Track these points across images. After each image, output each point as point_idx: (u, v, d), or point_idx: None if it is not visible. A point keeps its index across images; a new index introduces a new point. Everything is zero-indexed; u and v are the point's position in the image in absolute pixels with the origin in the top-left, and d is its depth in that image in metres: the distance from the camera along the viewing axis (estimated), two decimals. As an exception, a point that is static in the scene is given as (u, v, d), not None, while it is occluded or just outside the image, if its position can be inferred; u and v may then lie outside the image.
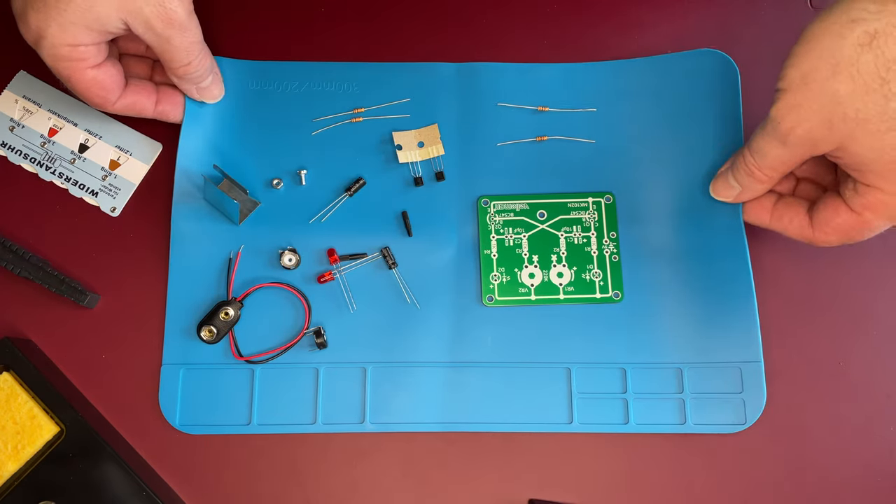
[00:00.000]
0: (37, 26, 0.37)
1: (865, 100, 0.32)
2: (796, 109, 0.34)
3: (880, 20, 0.31)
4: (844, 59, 0.32)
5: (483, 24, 0.47)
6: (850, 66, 0.32)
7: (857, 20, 0.32)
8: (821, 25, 0.33)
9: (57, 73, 0.39)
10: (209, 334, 0.40)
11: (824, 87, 0.33)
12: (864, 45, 0.32)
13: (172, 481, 0.40)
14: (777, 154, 0.36)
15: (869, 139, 0.33)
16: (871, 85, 0.32)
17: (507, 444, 0.41)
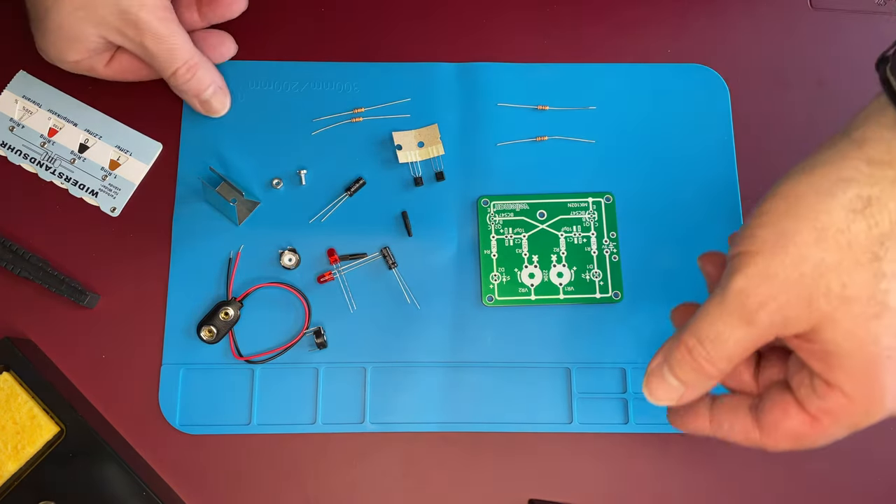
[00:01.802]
0: (38, 46, 0.41)
1: (853, 275, 0.27)
2: (769, 281, 0.27)
3: (875, 185, 0.26)
4: (833, 225, 0.27)
5: (483, 24, 0.47)
6: (839, 234, 0.27)
7: (848, 180, 0.27)
8: (806, 180, 0.28)
9: None
10: (209, 334, 0.40)
11: (806, 255, 0.27)
12: (857, 210, 0.27)
13: (172, 481, 0.40)
14: (739, 338, 0.28)
15: (850, 324, 0.27)
16: (861, 259, 0.26)
17: (507, 444, 0.41)
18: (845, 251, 0.27)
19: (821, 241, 0.27)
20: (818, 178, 0.28)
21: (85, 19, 0.38)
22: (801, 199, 0.28)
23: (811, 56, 0.47)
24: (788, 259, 0.27)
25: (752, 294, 0.28)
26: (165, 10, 0.39)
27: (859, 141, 0.27)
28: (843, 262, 0.27)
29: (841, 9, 0.48)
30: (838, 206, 0.27)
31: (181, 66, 0.40)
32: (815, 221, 0.27)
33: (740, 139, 0.45)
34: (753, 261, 0.28)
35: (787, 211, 0.28)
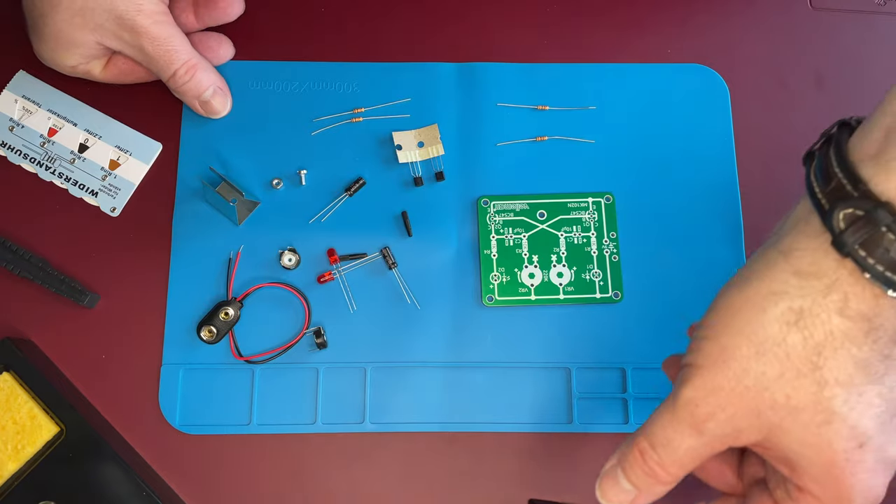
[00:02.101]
0: (35, 51, 0.41)
1: (796, 385, 0.27)
2: (716, 393, 0.28)
3: (804, 297, 0.27)
4: (769, 339, 0.27)
5: (483, 24, 0.47)
6: (776, 347, 0.27)
7: (779, 293, 0.27)
8: (739, 295, 0.28)
9: None
10: (209, 334, 0.40)
11: (748, 369, 0.28)
12: (790, 323, 0.27)
13: (172, 481, 0.40)
14: (690, 446, 0.29)
15: (802, 432, 0.27)
16: (802, 369, 0.27)
17: (507, 444, 0.41)
18: (785, 363, 0.27)
19: (760, 355, 0.27)
20: (751, 292, 0.28)
21: (82, 25, 0.38)
22: (737, 314, 0.28)
23: (811, 56, 0.47)
24: (731, 373, 0.28)
25: (700, 405, 0.28)
26: (162, 13, 0.39)
27: (786, 252, 0.28)
28: (785, 373, 0.27)
29: (841, 9, 0.48)
30: (772, 320, 0.27)
31: (179, 67, 0.40)
32: (753, 336, 0.28)
33: (740, 139, 0.45)
34: (700, 373, 0.28)
35: (725, 325, 0.28)
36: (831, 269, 0.27)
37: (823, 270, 0.27)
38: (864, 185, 0.26)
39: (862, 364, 0.27)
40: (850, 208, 0.26)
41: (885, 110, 0.27)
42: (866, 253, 0.26)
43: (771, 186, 0.44)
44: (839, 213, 0.26)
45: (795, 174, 0.46)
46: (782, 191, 0.45)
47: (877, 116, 0.27)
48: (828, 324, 0.27)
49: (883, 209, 0.25)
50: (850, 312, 0.27)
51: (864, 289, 0.26)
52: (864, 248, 0.26)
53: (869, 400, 0.27)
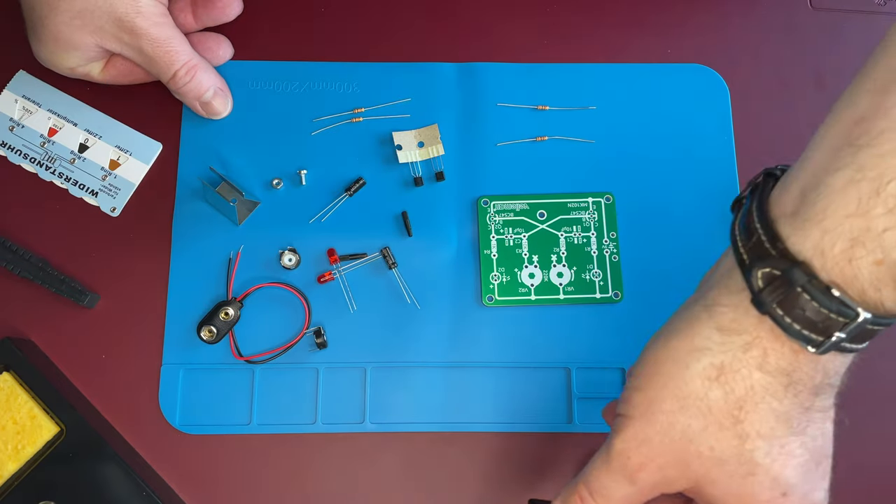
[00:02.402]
0: (34, 53, 0.41)
1: (719, 437, 0.28)
2: (646, 444, 0.29)
3: (725, 353, 0.28)
4: (692, 393, 0.28)
5: (483, 24, 0.47)
6: (699, 402, 0.28)
7: (701, 349, 0.28)
8: (664, 349, 0.29)
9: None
10: (209, 334, 0.40)
11: (673, 422, 0.28)
12: (711, 378, 0.28)
13: (172, 481, 0.40)
14: (625, 494, 0.30)
15: (727, 483, 0.28)
16: (724, 423, 0.28)
17: (507, 444, 0.41)
18: (708, 417, 0.28)
19: (684, 408, 0.28)
20: (674, 347, 0.29)
21: (81, 27, 0.38)
22: (662, 368, 0.29)
23: (811, 56, 0.47)
24: (658, 426, 0.29)
25: (631, 456, 0.29)
26: (161, 14, 0.40)
27: (710, 307, 0.29)
28: (708, 427, 0.28)
29: (841, 9, 0.48)
30: (694, 375, 0.28)
31: (180, 68, 0.40)
32: (676, 390, 0.28)
33: (740, 139, 0.45)
34: (630, 424, 0.29)
35: (651, 379, 0.29)
36: (752, 326, 0.27)
37: (744, 327, 0.28)
38: (781, 243, 0.26)
39: (783, 417, 0.28)
40: (768, 267, 0.26)
41: (802, 165, 0.27)
42: (783, 312, 0.26)
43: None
44: (758, 272, 0.27)
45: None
46: (782, 191, 0.45)
47: (795, 171, 0.28)
48: (748, 379, 0.28)
49: (798, 269, 0.25)
50: (769, 368, 0.27)
51: (783, 345, 0.27)
52: (782, 307, 0.26)
53: (791, 451, 0.28)
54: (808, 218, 0.26)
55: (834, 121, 0.27)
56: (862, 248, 0.24)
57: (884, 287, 0.25)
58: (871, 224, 0.24)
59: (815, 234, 0.25)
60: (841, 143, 0.26)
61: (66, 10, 0.38)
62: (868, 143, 0.24)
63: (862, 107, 0.25)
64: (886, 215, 0.24)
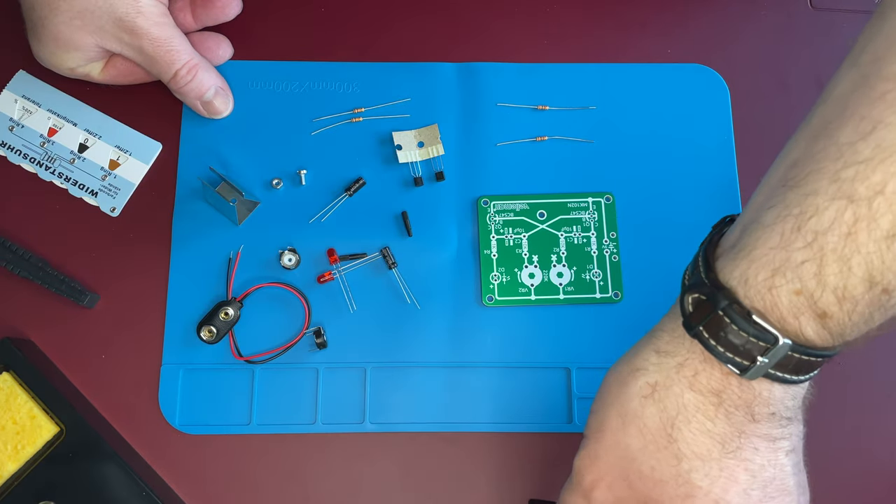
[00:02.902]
0: (34, 53, 0.41)
1: (658, 457, 0.29)
2: (596, 462, 0.31)
3: (659, 372, 0.29)
4: (631, 412, 0.30)
5: (483, 24, 0.47)
6: (637, 419, 0.29)
7: (639, 370, 0.30)
8: (612, 373, 0.31)
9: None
10: (209, 334, 0.40)
11: (618, 440, 0.30)
12: (646, 396, 0.29)
13: (172, 481, 0.40)
14: None
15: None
16: (660, 442, 0.29)
17: (507, 444, 0.41)
18: (646, 435, 0.29)
19: (625, 426, 0.30)
20: (619, 370, 0.31)
21: (82, 28, 0.38)
22: (609, 389, 0.31)
23: (811, 56, 0.47)
24: (605, 444, 0.30)
25: (585, 473, 0.31)
26: (162, 14, 0.40)
27: (653, 333, 0.31)
28: (647, 446, 0.29)
29: (841, 9, 0.48)
30: (633, 394, 0.30)
31: (181, 68, 0.40)
32: (620, 408, 0.30)
33: (740, 139, 0.45)
34: (586, 444, 0.31)
35: (600, 400, 0.31)
36: (685, 349, 0.29)
37: (678, 349, 0.29)
38: (713, 273, 0.28)
39: (717, 438, 0.29)
40: (697, 293, 0.28)
41: (746, 206, 0.29)
42: (709, 335, 0.28)
43: None
44: (688, 297, 0.29)
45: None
46: (782, 191, 0.45)
47: (742, 212, 0.29)
48: (680, 397, 0.29)
49: (721, 294, 0.27)
50: (700, 387, 0.28)
51: (714, 367, 0.28)
52: (707, 331, 0.28)
53: (732, 475, 0.28)
54: (741, 251, 0.27)
55: (775, 166, 0.29)
56: (782, 278, 0.26)
57: (801, 316, 0.26)
58: (791, 256, 0.26)
59: (743, 265, 0.27)
60: (777, 184, 0.27)
61: (67, 11, 0.38)
62: (796, 184, 0.26)
63: (796, 152, 0.27)
64: (805, 248, 0.25)
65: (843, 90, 0.26)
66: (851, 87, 0.26)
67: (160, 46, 0.39)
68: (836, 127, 0.26)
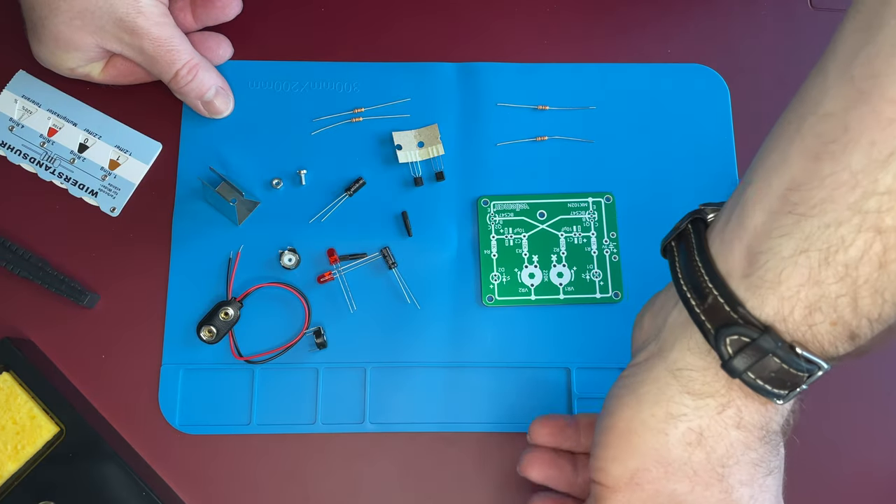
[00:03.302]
0: (34, 53, 0.41)
1: (706, 495, 0.29)
2: None
3: (702, 417, 0.29)
4: (675, 460, 0.29)
5: (483, 24, 0.47)
6: (684, 466, 0.29)
7: (676, 416, 0.29)
8: (637, 419, 0.30)
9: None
10: (209, 334, 0.40)
11: (660, 489, 0.29)
12: (692, 444, 0.29)
13: (172, 481, 0.40)
14: None
15: None
16: (709, 482, 0.29)
17: (507, 444, 0.41)
18: (694, 479, 0.29)
19: (669, 475, 0.29)
20: (647, 414, 0.29)
21: (81, 28, 0.38)
22: (639, 438, 0.29)
23: (811, 56, 0.47)
24: (645, 495, 0.30)
25: None
26: (162, 14, 0.40)
27: (675, 371, 0.29)
28: (695, 488, 0.29)
29: (841, 9, 0.48)
30: (675, 442, 0.29)
31: (181, 68, 0.40)
32: (660, 459, 0.29)
33: (740, 139, 0.45)
34: (614, 497, 0.30)
35: (629, 449, 0.30)
36: (723, 388, 0.29)
37: (715, 389, 0.29)
38: (741, 307, 0.27)
39: (759, 462, 0.30)
40: (736, 335, 0.27)
41: (742, 223, 0.28)
42: (755, 375, 0.27)
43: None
44: (726, 339, 0.27)
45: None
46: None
47: (736, 227, 0.28)
48: (727, 438, 0.29)
49: (767, 336, 0.27)
50: (745, 424, 0.29)
51: (754, 401, 0.28)
52: (753, 372, 0.27)
53: (766, 487, 0.30)
54: (763, 284, 0.27)
55: (765, 179, 0.27)
56: (819, 314, 0.26)
57: (839, 342, 0.27)
58: (825, 292, 0.26)
59: (774, 301, 0.26)
60: (779, 208, 0.26)
61: (67, 11, 0.38)
62: (810, 213, 0.25)
63: (796, 171, 0.26)
64: (838, 283, 0.25)
65: (836, 106, 0.25)
66: (847, 103, 0.25)
67: (161, 46, 0.39)
68: (840, 150, 0.25)
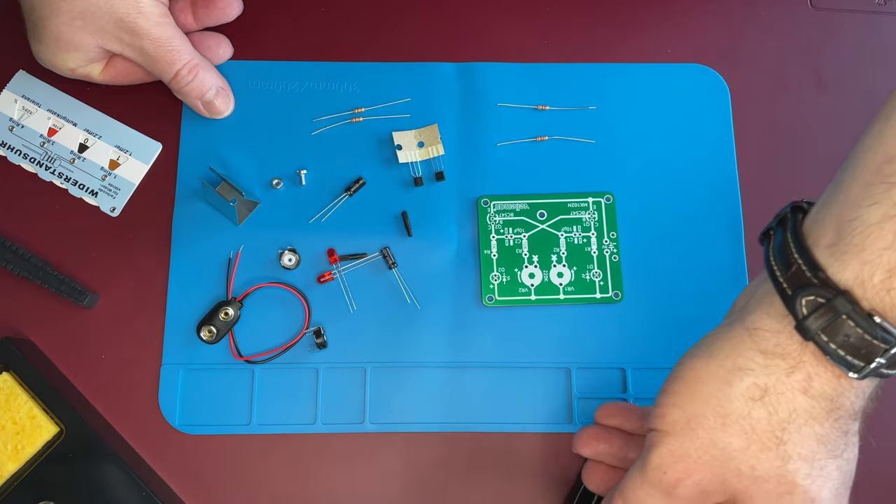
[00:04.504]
0: (34, 53, 0.41)
1: (761, 458, 0.29)
2: (683, 460, 0.29)
3: (769, 375, 0.29)
4: (734, 412, 0.29)
5: (483, 24, 0.47)
6: (742, 420, 0.29)
7: (744, 370, 0.29)
8: (705, 368, 0.30)
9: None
10: (209, 334, 0.40)
11: (714, 439, 0.29)
12: (755, 399, 0.29)
13: (172, 481, 0.40)
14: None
15: (765, 500, 0.29)
16: (766, 443, 0.29)
17: (507, 444, 0.41)
18: (751, 436, 0.29)
19: (726, 426, 0.29)
20: (716, 365, 0.30)
21: (82, 28, 0.38)
22: (703, 385, 0.30)
23: (811, 56, 0.47)
24: (699, 442, 0.29)
25: (668, 471, 0.30)
26: (163, 14, 0.40)
27: (751, 330, 0.29)
28: (750, 446, 0.29)
29: (841, 9, 0.48)
30: (738, 394, 0.29)
31: (182, 68, 0.40)
32: (719, 408, 0.29)
33: (740, 139, 0.45)
34: (667, 440, 0.30)
35: (691, 395, 0.30)
36: (795, 351, 0.28)
37: (788, 351, 0.28)
38: (822, 272, 0.27)
39: (823, 440, 0.29)
40: (812, 295, 0.27)
41: (835, 198, 0.28)
42: (828, 338, 0.27)
43: (771, 186, 0.44)
44: (802, 300, 0.28)
45: (795, 174, 0.46)
46: (782, 191, 0.45)
47: (827, 204, 0.29)
48: (792, 402, 0.28)
49: (843, 298, 0.26)
50: (813, 392, 0.28)
51: (827, 369, 0.28)
52: (826, 334, 0.27)
53: (828, 473, 0.29)
54: (847, 249, 0.27)
55: (861, 158, 0.28)
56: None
57: None
58: None
59: (855, 265, 0.26)
60: (872, 179, 0.27)
61: (67, 11, 0.38)
62: None
63: (889, 146, 0.27)
64: None
65: None
66: None
67: (161, 46, 0.39)
68: None
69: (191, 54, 0.40)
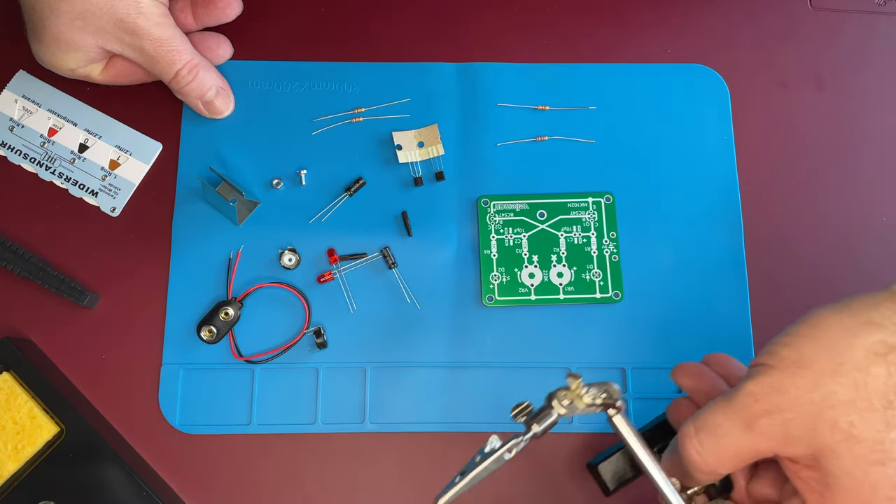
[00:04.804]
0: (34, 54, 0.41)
1: (864, 416, 0.27)
2: (779, 393, 0.28)
3: None
4: (851, 361, 0.27)
5: (483, 24, 0.47)
6: (856, 372, 0.27)
7: (876, 324, 0.27)
8: (833, 315, 0.28)
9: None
10: (209, 334, 0.40)
11: (819, 382, 0.27)
12: (878, 354, 0.27)
13: (172, 481, 0.40)
14: (734, 438, 0.28)
15: (851, 463, 0.27)
16: (875, 403, 0.27)
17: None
18: (860, 391, 0.27)
19: (837, 374, 0.27)
20: (847, 315, 0.28)
21: (83, 29, 0.38)
22: (825, 330, 0.28)
23: (811, 56, 0.47)
24: (802, 381, 0.27)
25: (759, 399, 0.28)
26: (162, 15, 0.40)
27: (893, 290, 0.28)
28: (857, 401, 0.27)
29: (841, 9, 0.48)
30: (861, 345, 0.27)
31: (182, 68, 0.40)
32: (836, 354, 0.27)
33: (740, 139, 0.45)
34: (768, 372, 0.28)
35: (811, 338, 0.28)
36: None
37: None
38: None
39: None
40: None
41: None
42: None
43: (771, 186, 0.45)
44: None
45: (795, 174, 0.46)
46: (782, 190, 0.45)
47: None
48: None
49: None
50: None
51: None
52: None
53: None
54: None
55: None
56: None
57: None
58: None
59: None
60: None
61: (67, 12, 0.38)
62: None
63: None
64: None
65: None
66: None
67: (161, 47, 0.39)
68: None
69: (191, 54, 0.40)
